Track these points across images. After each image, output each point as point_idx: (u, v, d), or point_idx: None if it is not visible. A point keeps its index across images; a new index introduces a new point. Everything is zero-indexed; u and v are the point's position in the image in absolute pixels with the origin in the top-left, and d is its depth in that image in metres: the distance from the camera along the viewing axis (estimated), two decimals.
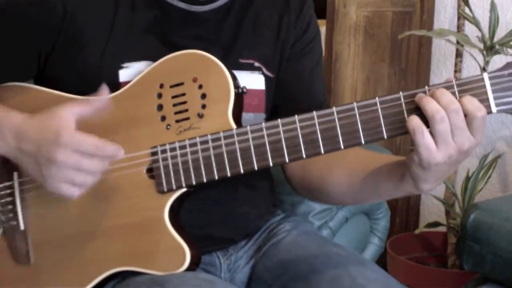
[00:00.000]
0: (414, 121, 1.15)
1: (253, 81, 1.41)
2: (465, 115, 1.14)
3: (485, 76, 1.16)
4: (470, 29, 2.47)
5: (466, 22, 2.49)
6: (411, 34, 2.51)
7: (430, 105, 1.14)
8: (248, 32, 1.42)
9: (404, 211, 2.83)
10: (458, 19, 2.55)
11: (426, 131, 1.15)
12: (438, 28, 2.66)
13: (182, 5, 1.38)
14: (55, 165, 1.22)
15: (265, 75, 1.42)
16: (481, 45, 2.37)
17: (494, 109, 1.16)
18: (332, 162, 1.38)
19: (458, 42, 2.46)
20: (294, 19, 1.46)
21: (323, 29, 1.85)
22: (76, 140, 1.21)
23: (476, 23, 2.37)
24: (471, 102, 1.14)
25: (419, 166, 1.17)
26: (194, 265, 1.31)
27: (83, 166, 1.21)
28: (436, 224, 2.59)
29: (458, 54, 2.55)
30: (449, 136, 1.14)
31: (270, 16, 1.45)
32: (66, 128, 1.21)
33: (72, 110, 1.23)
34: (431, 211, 2.83)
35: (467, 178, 2.48)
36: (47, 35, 1.33)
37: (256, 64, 1.42)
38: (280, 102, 1.46)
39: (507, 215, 1.92)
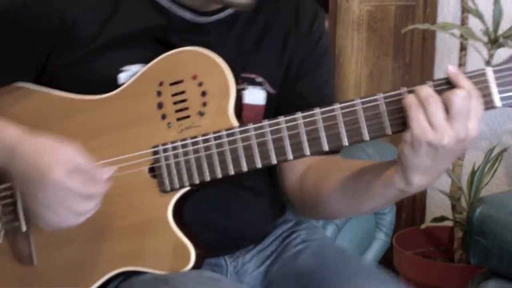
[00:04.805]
0: (411, 98, 1.13)
1: (254, 96, 1.39)
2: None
3: (488, 70, 1.13)
4: (474, 22, 2.46)
5: (470, 15, 2.48)
6: (415, 28, 2.50)
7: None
8: (252, 46, 1.40)
9: (410, 206, 2.82)
10: (462, 12, 2.53)
11: (421, 108, 1.12)
12: (441, 21, 2.64)
13: (188, 15, 1.36)
14: (36, 199, 1.23)
15: (266, 91, 1.40)
16: (485, 38, 2.35)
17: (498, 103, 1.13)
18: (328, 170, 1.36)
19: (462, 36, 2.45)
20: (304, 35, 1.43)
21: (325, 24, 1.83)
22: (60, 183, 1.21)
23: (480, 16, 2.36)
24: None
25: (410, 147, 1.13)
26: (199, 264, 1.30)
27: (66, 202, 1.22)
28: (442, 218, 2.58)
29: (462, 48, 2.54)
30: (444, 120, 1.11)
31: (278, 31, 1.42)
32: (56, 172, 1.20)
33: (72, 156, 1.22)
34: (437, 205, 2.82)
35: (473, 172, 2.47)
36: (45, 36, 1.32)
37: (259, 79, 1.39)
38: None
39: None
